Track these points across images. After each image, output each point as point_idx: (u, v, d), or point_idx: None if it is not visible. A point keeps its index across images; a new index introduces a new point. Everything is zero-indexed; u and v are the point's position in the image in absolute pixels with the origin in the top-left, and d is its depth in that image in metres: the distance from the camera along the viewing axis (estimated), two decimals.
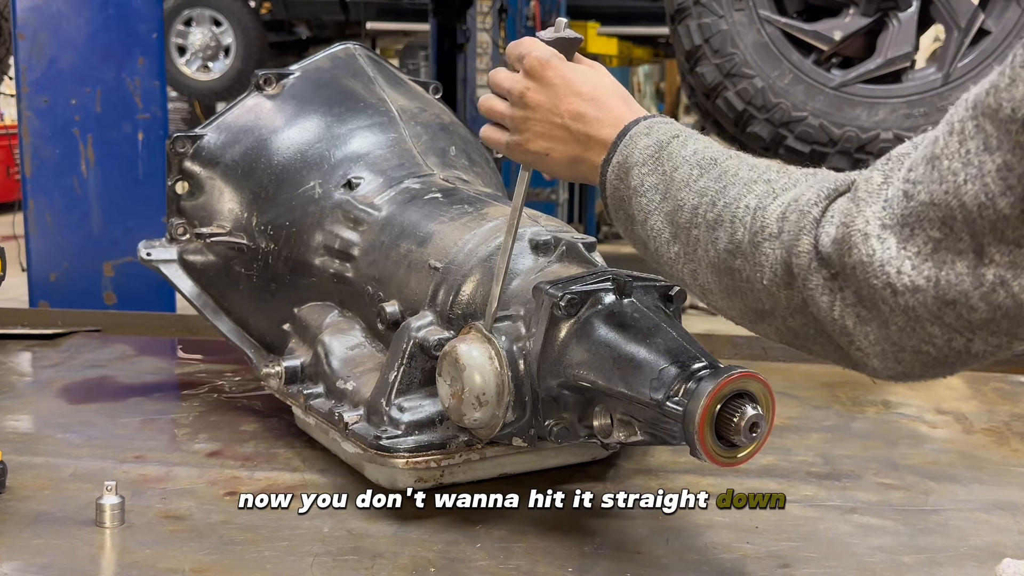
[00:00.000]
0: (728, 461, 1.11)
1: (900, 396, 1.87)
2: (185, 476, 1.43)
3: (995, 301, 0.76)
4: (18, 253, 3.15)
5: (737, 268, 0.93)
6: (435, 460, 1.30)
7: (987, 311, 0.77)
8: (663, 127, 1.08)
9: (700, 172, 0.98)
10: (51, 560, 1.17)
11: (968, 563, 1.21)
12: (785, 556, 1.21)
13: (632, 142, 1.07)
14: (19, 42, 2.92)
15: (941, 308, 0.79)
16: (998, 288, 0.76)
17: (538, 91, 1.15)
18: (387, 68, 1.84)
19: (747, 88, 3.32)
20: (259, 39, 8.33)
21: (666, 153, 1.03)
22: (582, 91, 1.13)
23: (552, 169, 1.18)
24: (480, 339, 1.23)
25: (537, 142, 1.16)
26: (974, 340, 0.80)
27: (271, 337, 1.69)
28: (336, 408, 1.41)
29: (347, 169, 1.63)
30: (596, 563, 1.18)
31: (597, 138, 1.12)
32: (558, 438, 1.25)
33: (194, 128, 1.71)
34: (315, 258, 1.61)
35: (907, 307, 0.80)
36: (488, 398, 1.21)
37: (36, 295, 2.99)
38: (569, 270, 1.30)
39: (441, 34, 6.55)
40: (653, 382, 1.11)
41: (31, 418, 1.73)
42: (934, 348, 0.82)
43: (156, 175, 3.03)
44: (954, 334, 0.80)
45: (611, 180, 1.09)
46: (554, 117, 1.14)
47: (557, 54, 1.16)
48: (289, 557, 1.19)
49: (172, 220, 1.72)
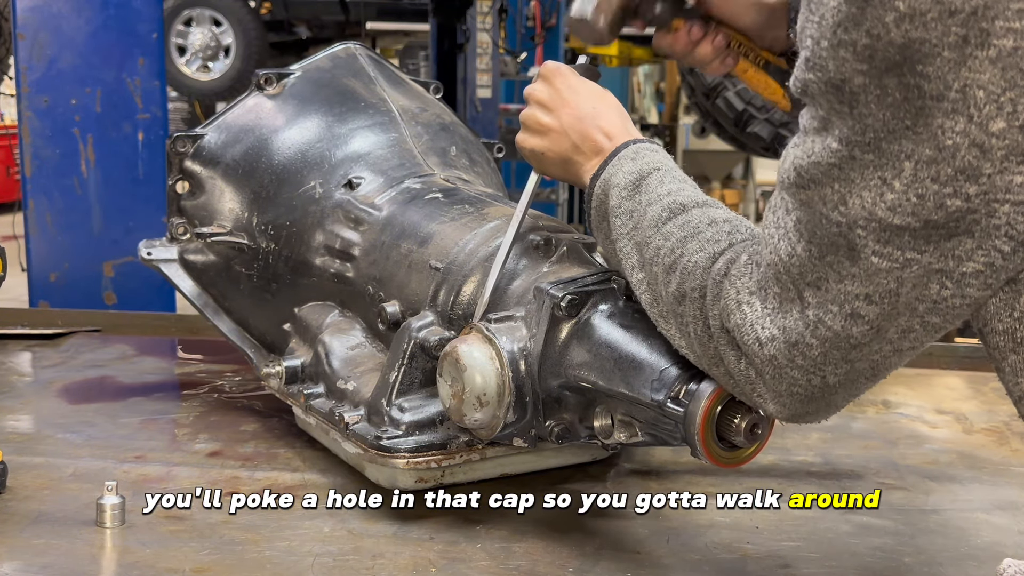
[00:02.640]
0: (729, 462, 1.11)
1: (900, 396, 1.87)
2: (185, 476, 1.43)
3: (821, 335, 0.90)
4: (18, 253, 3.15)
5: (680, 313, 1.05)
6: (436, 460, 1.30)
7: (819, 346, 0.91)
8: (648, 155, 1.17)
9: (669, 215, 1.09)
10: (51, 560, 1.17)
11: (968, 563, 1.21)
12: (785, 556, 1.21)
13: (619, 164, 1.17)
14: (19, 42, 2.92)
15: (791, 351, 0.93)
16: (819, 325, 0.90)
17: (544, 91, 1.26)
18: (388, 68, 1.84)
19: (747, 88, 3.32)
20: (259, 39, 8.32)
21: (644, 184, 1.14)
22: (583, 100, 1.24)
23: (546, 167, 1.28)
24: (481, 339, 1.23)
25: (536, 140, 1.26)
26: (826, 375, 0.93)
27: (272, 337, 1.69)
28: (337, 408, 1.41)
29: (348, 169, 1.63)
30: (596, 563, 1.18)
31: (589, 142, 1.21)
32: (559, 439, 1.25)
33: (194, 128, 1.71)
34: (316, 258, 1.61)
35: (771, 356, 0.94)
36: (489, 399, 1.21)
37: (36, 295, 2.99)
38: (570, 271, 1.30)
39: (441, 34, 6.55)
40: (654, 383, 1.11)
41: (31, 418, 1.73)
42: (800, 388, 0.95)
43: (156, 175, 3.03)
44: (809, 374, 0.93)
45: (597, 194, 1.18)
46: (554, 117, 1.24)
47: (572, 68, 1.28)
48: (289, 557, 1.19)
49: (173, 220, 1.72)
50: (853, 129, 0.82)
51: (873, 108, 0.81)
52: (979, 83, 0.76)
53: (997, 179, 0.79)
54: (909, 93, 0.79)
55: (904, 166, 0.81)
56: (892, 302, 0.87)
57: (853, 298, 0.87)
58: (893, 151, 0.81)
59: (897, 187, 0.81)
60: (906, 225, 0.82)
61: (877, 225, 0.83)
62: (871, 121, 0.81)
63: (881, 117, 0.81)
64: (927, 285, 0.85)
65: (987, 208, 0.80)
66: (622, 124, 1.22)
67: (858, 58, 0.80)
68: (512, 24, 7.42)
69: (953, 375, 2.01)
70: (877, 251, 0.84)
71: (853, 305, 0.88)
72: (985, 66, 0.76)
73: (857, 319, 0.88)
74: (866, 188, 0.83)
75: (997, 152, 0.78)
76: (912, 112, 0.79)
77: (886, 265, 0.85)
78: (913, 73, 0.78)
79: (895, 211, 0.82)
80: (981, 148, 0.78)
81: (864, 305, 0.87)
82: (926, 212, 0.81)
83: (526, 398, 1.22)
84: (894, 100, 0.79)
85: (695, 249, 1.04)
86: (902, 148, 0.80)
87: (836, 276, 0.88)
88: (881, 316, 0.88)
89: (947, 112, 0.78)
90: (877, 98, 0.80)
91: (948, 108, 0.78)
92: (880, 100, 0.80)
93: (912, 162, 0.80)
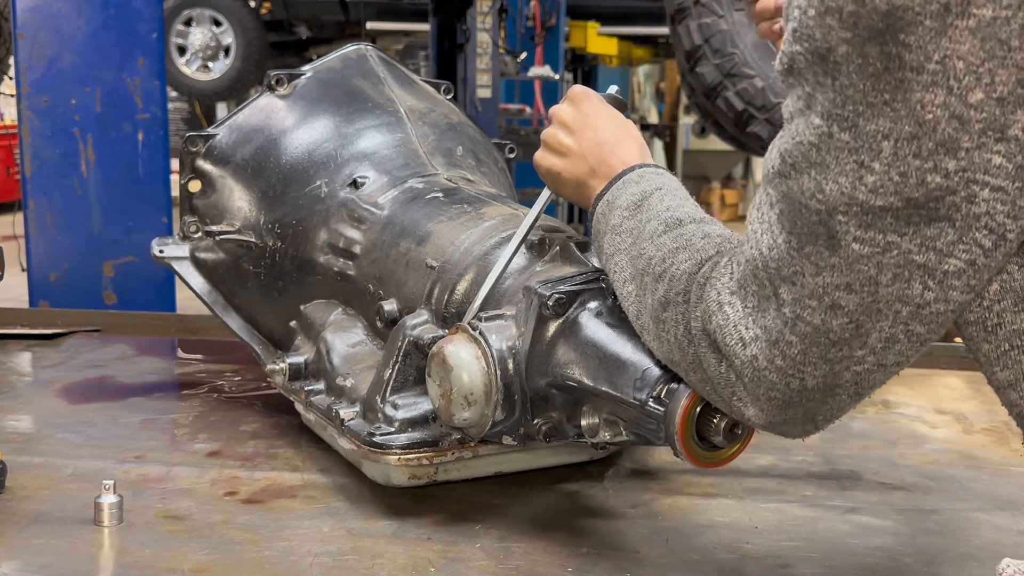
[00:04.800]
0: (709, 462, 1.12)
1: (900, 396, 1.87)
2: (185, 476, 1.43)
3: (800, 331, 0.90)
4: (18, 253, 3.15)
5: (663, 319, 1.05)
6: (428, 457, 1.30)
7: (799, 343, 0.91)
8: (652, 178, 1.19)
9: (665, 229, 1.10)
10: (51, 560, 1.17)
11: (968, 563, 1.21)
12: (785, 556, 1.21)
13: (624, 186, 1.19)
14: (19, 42, 2.91)
15: (771, 350, 0.92)
16: (797, 321, 0.90)
17: (569, 113, 1.27)
18: (398, 68, 1.85)
19: (747, 88, 3.32)
20: (259, 39, 8.32)
21: (645, 204, 1.15)
22: (606, 125, 1.25)
23: (560, 188, 1.29)
24: (467, 339, 1.23)
25: (554, 159, 1.27)
26: (805, 376, 0.92)
27: (279, 334, 1.70)
28: (334, 405, 1.42)
29: (353, 168, 1.65)
30: (596, 563, 1.18)
31: (605, 167, 1.22)
32: (547, 437, 1.25)
33: (195, 128, 1.72)
34: (320, 256, 1.62)
35: (752, 357, 0.94)
36: (476, 398, 1.21)
37: (36, 295, 2.99)
38: (562, 270, 1.31)
39: (441, 34, 6.55)
40: (637, 382, 1.12)
41: (31, 418, 1.73)
42: (778, 392, 0.94)
43: (156, 175, 3.03)
44: (788, 377, 0.93)
45: (598, 214, 1.20)
46: (575, 139, 1.25)
47: (599, 95, 1.30)
48: (288, 557, 1.19)
49: (185, 218, 1.74)
50: (834, 102, 0.83)
51: (854, 78, 0.81)
52: (959, 54, 0.77)
53: (975, 155, 0.80)
54: (890, 63, 0.79)
55: (882, 146, 0.81)
56: (872, 292, 0.87)
57: (833, 289, 0.87)
58: (870, 131, 0.81)
59: (877, 168, 0.82)
60: (888, 206, 0.83)
61: (859, 209, 0.84)
62: (851, 92, 0.81)
63: (862, 88, 0.81)
64: (909, 282, 0.86)
65: (967, 190, 0.81)
66: (640, 155, 1.24)
67: (843, 25, 0.80)
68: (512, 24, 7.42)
69: (953, 375, 2.01)
70: (858, 236, 0.85)
71: (833, 296, 0.88)
72: (965, 36, 0.76)
73: (837, 310, 0.88)
74: (842, 173, 0.83)
75: (975, 125, 0.79)
76: (891, 85, 0.80)
77: (867, 251, 0.85)
78: (895, 42, 0.79)
79: (877, 192, 0.82)
80: (960, 120, 0.79)
81: (844, 295, 0.87)
82: (908, 190, 0.82)
83: (514, 396, 1.22)
84: (875, 70, 0.80)
85: (684, 259, 1.05)
86: (879, 128, 0.81)
87: (814, 269, 0.88)
88: (861, 308, 0.88)
89: (926, 85, 0.78)
90: (859, 67, 0.81)
91: (927, 80, 0.78)
92: (861, 70, 0.81)
93: (891, 141, 0.81)
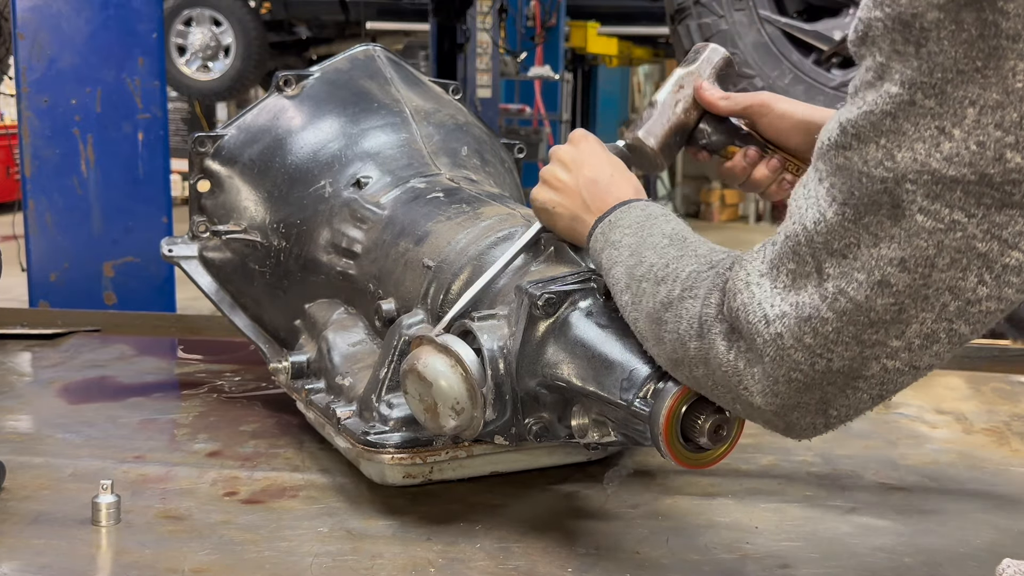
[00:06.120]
0: (694, 463, 1.11)
1: (900, 396, 1.86)
2: (185, 476, 1.43)
3: (839, 308, 0.89)
4: (18, 253, 3.15)
5: (665, 320, 1.05)
6: (421, 457, 1.31)
7: (835, 320, 0.89)
8: (657, 209, 1.21)
9: (669, 242, 1.12)
10: (50, 560, 1.17)
11: (968, 563, 1.21)
12: (785, 556, 1.21)
13: (628, 211, 1.21)
14: (19, 42, 2.91)
15: (801, 327, 0.91)
16: (839, 296, 0.88)
17: (569, 152, 1.30)
18: (406, 69, 1.85)
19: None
20: (259, 39, 8.32)
21: (649, 223, 1.17)
22: (603, 165, 1.28)
23: (554, 222, 1.30)
24: (435, 350, 1.22)
25: (550, 194, 1.30)
26: (832, 358, 0.91)
27: (284, 333, 1.71)
28: (333, 404, 1.42)
29: (358, 169, 1.65)
30: (596, 563, 1.18)
31: (598, 203, 1.24)
32: (538, 437, 1.25)
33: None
34: (323, 256, 1.62)
35: (776, 335, 0.92)
36: (463, 404, 1.21)
37: (36, 295, 2.99)
38: (554, 270, 1.31)
39: (441, 34, 6.55)
40: (624, 382, 1.12)
41: (31, 418, 1.73)
42: (800, 374, 0.93)
43: (156, 175, 3.03)
44: (815, 356, 0.91)
45: (597, 234, 1.22)
46: (571, 176, 1.28)
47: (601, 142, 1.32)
48: (288, 557, 1.19)
49: (194, 217, 1.75)
50: (919, 70, 0.80)
51: (946, 45, 0.79)
52: None
53: None
54: (985, 30, 0.77)
55: (967, 112, 0.79)
56: (925, 274, 0.85)
57: (887, 263, 0.85)
58: (957, 96, 0.79)
59: (957, 135, 0.79)
60: (960, 177, 0.80)
61: (929, 177, 0.81)
62: (941, 59, 0.79)
63: (952, 55, 0.79)
64: (966, 272, 0.84)
65: None
66: (636, 195, 1.25)
67: None
68: (512, 24, 7.43)
69: (953, 375, 2.00)
70: (924, 207, 0.82)
71: (884, 271, 0.86)
72: None
73: (885, 288, 0.86)
74: (919, 139, 0.81)
75: None
76: (984, 52, 0.78)
77: (930, 224, 0.82)
78: (993, 8, 0.77)
79: (951, 161, 0.80)
80: None
81: (896, 272, 0.85)
82: (984, 163, 0.79)
83: (505, 396, 1.22)
84: (968, 37, 0.78)
85: (689, 262, 1.06)
86: (967, 93, 0.79)
87: (871, 239, 0.86)
88: (910, 290, 0.86)
89: (1021, 53, 0.77)
90: (951, 34, 0.78)
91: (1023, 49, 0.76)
92: (954, 37, 0.78)
93: (976, 108, 0.79)
